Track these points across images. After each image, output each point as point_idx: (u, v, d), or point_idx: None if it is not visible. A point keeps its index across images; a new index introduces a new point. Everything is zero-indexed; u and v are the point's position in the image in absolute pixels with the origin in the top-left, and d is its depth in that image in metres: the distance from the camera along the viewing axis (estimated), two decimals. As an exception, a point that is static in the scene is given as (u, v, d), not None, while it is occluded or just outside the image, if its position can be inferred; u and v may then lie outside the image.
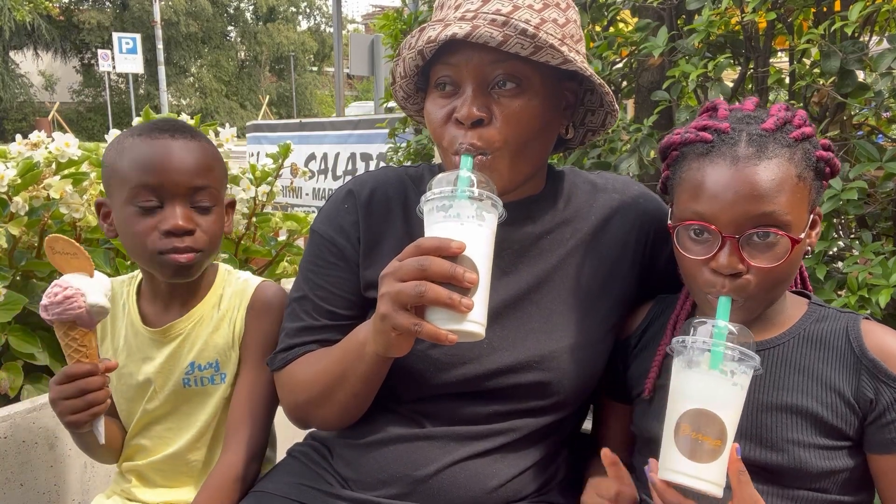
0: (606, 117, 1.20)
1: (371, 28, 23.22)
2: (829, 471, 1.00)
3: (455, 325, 0.88)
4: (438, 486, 1.11)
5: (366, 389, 1.10)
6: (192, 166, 1.21)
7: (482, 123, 1.04)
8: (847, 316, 1.06)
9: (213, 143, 1.30)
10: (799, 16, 1.90)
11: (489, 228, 0.91)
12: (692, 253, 1.00)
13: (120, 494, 1.37)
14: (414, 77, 1.14)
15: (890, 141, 1.96)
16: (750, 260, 0.96)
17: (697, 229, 1.00)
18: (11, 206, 1.84)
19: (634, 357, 1.18)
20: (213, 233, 1.25)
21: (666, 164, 1.09)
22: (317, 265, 1.20)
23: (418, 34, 1.06)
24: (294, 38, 35.86)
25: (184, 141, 1.22)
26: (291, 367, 1.19)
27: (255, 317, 1.30)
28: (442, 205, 0.90)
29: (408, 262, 0.90)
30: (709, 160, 0.99)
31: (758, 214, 0.95)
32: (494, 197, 0.91)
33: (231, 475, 1.23)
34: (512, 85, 1.05)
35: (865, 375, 1.00)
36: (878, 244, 1.61)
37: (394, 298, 0.90)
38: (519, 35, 0.99)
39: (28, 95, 28.46)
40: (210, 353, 1.30)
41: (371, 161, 6.74)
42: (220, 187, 1.28)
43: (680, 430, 0.88)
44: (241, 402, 1.28)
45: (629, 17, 2.31)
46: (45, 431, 1.61)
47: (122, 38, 21.69)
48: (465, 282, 0.87)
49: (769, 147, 0.97)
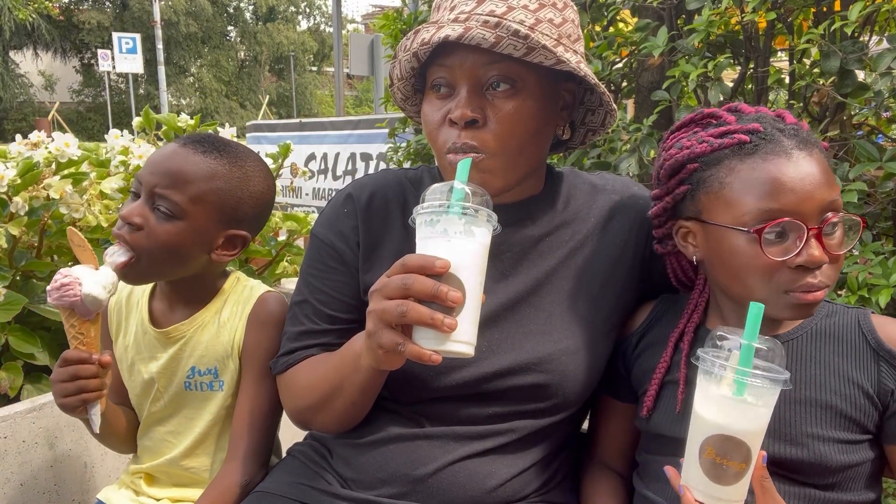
0: (606, 116, 1.20)
1: (371, 28, 23.22)
2: (847, 465, 1.00)
3: (438, 346, 0.86)
4: (437, 486, 1.11)
5: (363, 398, 1.11)
6: (167, 172, 1.19)
7: (476, 124, 1.04)
8: (855, 310, 1.06)
9: (228, 168, 1.23)
10: (799, 16, 1.90)
11: (479, 243, 0.88)
12: (772, 254, 0.94)
13: (129, 486, 1.39)
14: (411, 79, 1.15)
15: (890, 141, 1.96)
16: (829, 249, 0.96)
17: (780, 228, 0.94)
18: (11, 206, 1.84)
19: (636, 357, 1.18)
20: (162, 241, 1.19)
21: (679, 180, 1.05)
22: (317, 269, 1.21)
23: (413, 36, 1.06)
24: (294, 38, 35.88)
25: (188, 151, 1.22)
26: (293, 371, 1.19)
27: (255, 328, 1.29)
28: (430, 219, 0.89)
29: (392, 280, 0.89)
30: (761, 158, 0.96)
31: (830, 202, 0.95)
32: (488, 210, 0.89)
33: (232, 481, 1.23)
34: (506, 86, 1.05)
35: (885, 367, 1.00)
36: (878, 244, 1.61)
37: (379, 317, 0.90)
38: (511, 36, 0.99)
39: (28, 95, 28.48)
40: (210, 359, 1.31)
41: (371, 161, 6.74)
42: (192, 201, 1.19)
43: (704, 453, 0.86)
44: (243, 413, 1.28)
45: (629, 17, 2.31)
46: (45, 431, 1.61)
47: (121, 38, 21.68)
48: (448, 301, 0.85)
49: (808, 140, 0.98)
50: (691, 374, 1.08)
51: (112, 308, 1.39)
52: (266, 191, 1.31)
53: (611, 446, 1.25)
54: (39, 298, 1.91)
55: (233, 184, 1.24)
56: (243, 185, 1.25)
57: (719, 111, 1.06)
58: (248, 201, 1.26)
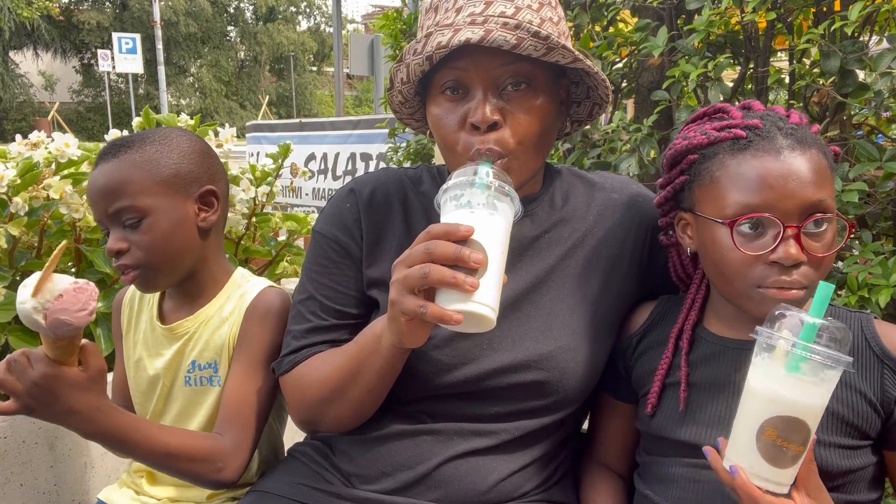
0: (593, 108, 1.22)
1: (371, 28, 23.21)
2: (848, 469, 1.00)
3: (461, 305, 0.86)
4: (440, 479, 1.11)
5: (380, 385, 1.10)
6: (102, 192, 1.21)
7: (497, 126, 1.05)
8: (858, 315, 1.06)
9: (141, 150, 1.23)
10: (799, 16, 1.90)
11: (502, 217, 0.91)
12: (747, 249, 0.97)
13: (130, 486, 1.38)
14: (415, 82, 1.13)
15: (890, 141, 1.96)
16: (809, 249, 0.95)
17: (753, 222, 0.97)
18: (11, 207, 1.84)
19: (637, 357, 1.18)
20: (148, 244, 1.21)
21: (680, 170, 1.07)
22: (321, 265, 1.20)
23: (425, 40, 1.05)
24: (294, 38, 35.88)
25: (102, 166, 1.23)
26: (300, 368, 1.18)
27: (251, 319, 1.28)
28: (455, 194, 0.91)
29: (416, 248, 0.90)
30: (751, 154, 0.98)
31: (813, 202, 0.95)
32: (508, 187, 0.91)
33: (215, 442, 1.21)
34: (524, 86, 1.06)
35: (889, 374, 1.00)
36: (878, 244, 1.61)
37: (402, 283, 0.90)
38: (532, 37, 1.01)
39: (28, 95, 28.49)
40: (210, 353, 1.30)
41: (371, 161, 6.74)
42: (140, 197, 1.21)
43: (764, 434, 0.84)
44: (227, 403, 1.24)
45: (629, 17, 2.31)
46: (45, 431, 1.61)
47: (121, 38, 21.69)
48: (470, 262, 0.85)
49: (806, 139, 0.98)
50: (692, 374, 1.09)
51: (125, 304, 1.40)
52: (192, 142, 1.30)
53: (611, 446, 1.25)
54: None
55: (157, 157, 1.24)
56: (166, 152, 1.25)
57: (729, 106, 1.07)
58: (183, 161, 1.26)
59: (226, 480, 1.21)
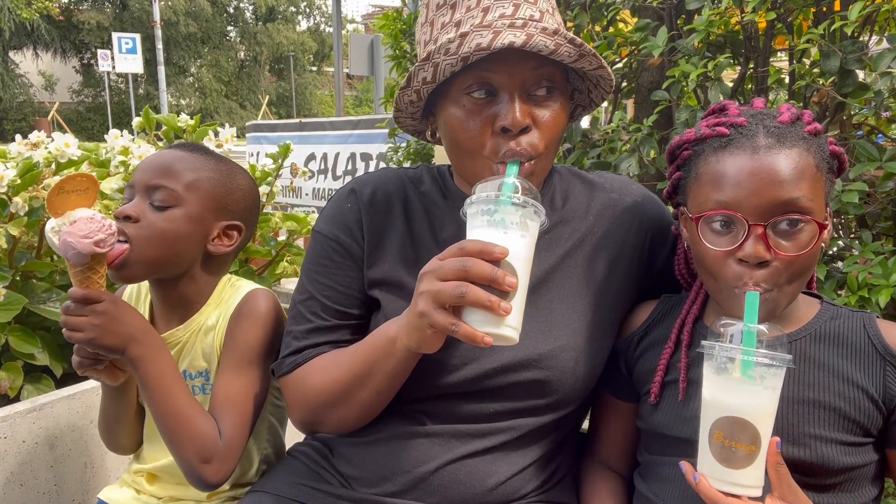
0: (576, 109, 1.24)
1: (371, 28, 23.22)
2: (850, 466, 1.00)
3: (492, 329, 0.88)
4: (439, 483, 1.11)
5: (390, 386, 1.10)
6: (159, 166, 1.26)
7: (527, 130, 1.06)
8: (860, 314, 1.06)
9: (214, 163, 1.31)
10: (799, 16, 1.90)
11: (532, 237, 0.92)
12: (717, 245, 0.99)
13: (131, 486, 1.38)
14: (440, 82, 1.09)
15: (890, 141, 1.96)
16: (776, 248, 0.96)
17: (722, 220, 0.99)
18: (11, 207, 1.84)
19: (638, 356, 1.18)
20: (158, 230, 1.22)
21: (675, 165, 1.10)
22: (322, 265, 1.20)
23: (460, 40, 1.02)
24: (294, 38, 35.88)
25: (175, 151, 1.30)
26: (303, 369, 1.17)
27: (238, 320, 1.27)
28: (487, 209, 0.91)
29: (449, 262, 0.90)
30: (728, 152, 0.99)
31: (784, 201, 0.95)
32: (538, 205, 0.92)
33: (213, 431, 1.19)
34: (553, 90, 1.08)
35: (892, 372, 1.00)
36: (878, 244, 1.61)
37: (434, 297, 0.91)
38: (568, 43, 1.02)
39: (28, 95, 28.49)
40: (200, 362, 1.30)
41: (371, 161, 6.74)
42: (184, 190, 1.25)
43: (713, 437, 0.89)
44: (214, 405, 1.23)
45: (629, 17, 2.31)
46: (45, 431, 1.61)
47: (121, 38, 21.68)
48: (504, 285, 0.87)
49: (788, 138, 0.98)
50: (691, 371, 1.09)
51: None
52: (252, 187, 1.38)
53: (611, 446, 1.25)
54: (39, 298, 1.91)
55: (221, 175, 1.31)
56: (231, 178, 1.33)
57: (729, 103, 1.08)
58: (237, 192, 1.33)
59: (207, 477, 1.18)
